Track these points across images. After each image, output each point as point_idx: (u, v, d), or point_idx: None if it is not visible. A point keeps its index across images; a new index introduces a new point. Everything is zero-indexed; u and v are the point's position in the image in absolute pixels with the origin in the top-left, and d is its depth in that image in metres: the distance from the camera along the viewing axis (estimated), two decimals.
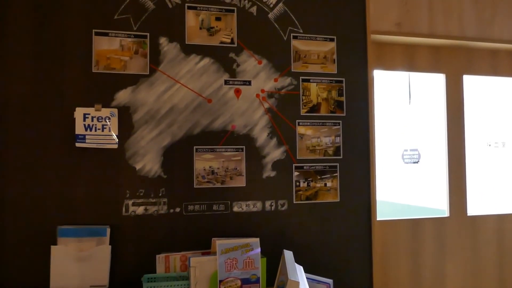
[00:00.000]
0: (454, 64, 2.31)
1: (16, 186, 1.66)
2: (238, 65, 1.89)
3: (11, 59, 1.68)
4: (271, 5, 1.94)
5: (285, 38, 1.95)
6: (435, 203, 2.43)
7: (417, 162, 2.89)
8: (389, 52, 2.23)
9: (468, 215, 2.29)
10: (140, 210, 1.76)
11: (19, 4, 1.69)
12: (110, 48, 1.77)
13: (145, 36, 1.80)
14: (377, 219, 2.08)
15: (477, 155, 2.55)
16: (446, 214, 2.27)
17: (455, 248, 2.25)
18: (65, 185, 1.70)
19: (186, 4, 1.85)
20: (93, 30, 1.76)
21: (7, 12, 1.68)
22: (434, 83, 2.34)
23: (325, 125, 1.97)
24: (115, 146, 1.74)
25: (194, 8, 1.86)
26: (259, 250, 1.68)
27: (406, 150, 2.94)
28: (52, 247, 1.63)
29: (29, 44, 1.70)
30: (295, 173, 1.93)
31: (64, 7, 1.73)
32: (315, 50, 1.98)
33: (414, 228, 2.20)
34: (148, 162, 1.77)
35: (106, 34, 1.77)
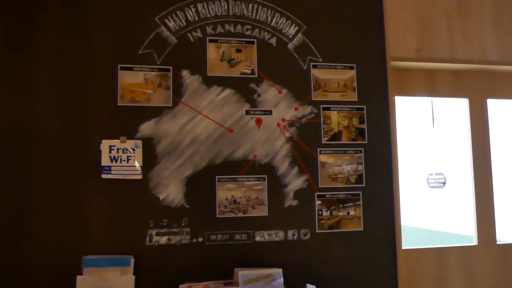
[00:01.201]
0: (477, 88, 2.29)
1: (42, 216, 1.71)
2: (258, 95, 1.92)
3: (39, 92, 1.75)
4: (290, 36, 1.98)
5: (304, 67, 1.98)
6: (462, 228, 2.37)
7: (442, 187, 2.83)
8: (410, 78, 2.22)
9: (497, 243, 2.22)
10: (163, 240, 1.78)
11: (47, 39, 1.78)
12: (135, 82, 1.83)
13: (168, 70, 1.85)
14: (402, 247, 2.04)
15: (506, 180, 2.49)
16: (474, 242, 2.21)
17: (484, 278, 2.18)
18: (90, 215, 1.74)
19: (207, 38, 1.90)
20: (118, 65, 1.82)
21: (35, 47, 1.77)
22: (457, 106, 2.32)
23: (347, 153, 1.97)
24: (140, 177, 1.77)
25: (215, 41, 1.91)
26: (281, 280, 1.67)
27: (431, 174, 2.89)
28: (78, 277, 1.66)
29: (57, 77, 1.77)
30: (317, 202, 1.92)
31: (91, 43, 1.81)
32: (335, 78, 2.00)
33: (441, 257, 2.15)
34: (171, 192, 1.80)
35: (130, 69, 1.83)
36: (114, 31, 1.83)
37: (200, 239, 1.81)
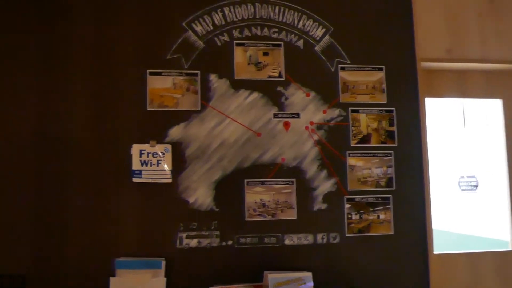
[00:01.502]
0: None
1: (77, 220, 1.75)
2: (286, 98, 1.91)
3: (71, 98, 1.80)
4: (318, 38, 1.97)
5: (332, 70, 1.96)
6: (496, 233, 2.30)
7: (474, 190, 2.76)
8: (440, 79, 2.18)
9: None
10: (193, 242, 1.80)
11: (79, 47, 1.82)
12: (163, 87, 1.85)
13: (196, 74, 1.87)
14: (434, 252, 1.99)
15: None
16: (509, 247, 2.15)
17: None
18: (122, 218, 1.77)
19: (234, 41, 1.91)
20: (147, 70, 1.85)
21: (67, 55, 1.81)
22: (489, 105, 2.25)
23: (376, 156, 1.94)
24: (169, 181, 1.80)
25: (242, 44, 1.92)
26: (311, 284, 1.66)
27: (462, 177, 2.82)
28: (111, 278, 1.69)
29: (88, 84, 1.81)
30: (347, 206, 1.90)
31: (120, 49, 1.84)
32: (364, 80, 1.98)
33: (474, 262, 2.09)
34: (200, 196, 1.82)
35: (159, 74, 1.85)
36: (143, 36, 1.86)
37: (230, 242, 1.82)
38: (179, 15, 1.89)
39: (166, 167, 1.80)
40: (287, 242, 1.85)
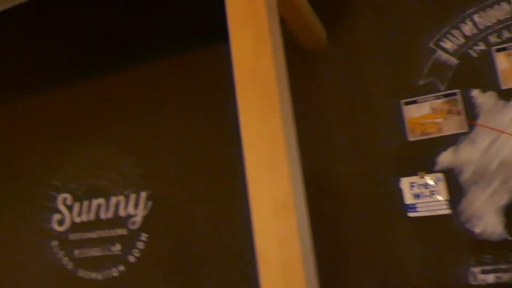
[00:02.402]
0: None
1: (356, 254, 1.78)
2: None
3: (331, 139, 1.88)
4: None
5: None
6: None
7: None
8: None
9: None
10: (491, 278, 1.62)
11: (333, 89, 1.91)
12: (422, 114, 1.77)
13: (455, 94, 1.74)
14: None
15: None
16: None
17: None
18: (401, 254, 1.73)
19: (493, 48, 1.71)
20: (401, 101, 1.81)
21: (324, 97, 1.91)
22: None
23: None
24: (448, 212, 1.68)
25: (503, 49, 1.70)
26: None
27: None
28: None
29: (344, 121, 1.87)
30: None
31: (372, 81, 1.86)
32: None
33: None
34: (488, 224, 1.64)
35: (414, 102, 1.79)
36: (390, 66, 1.83)
37: None
38: (424, 37, 1.80)
39: (441, 197, 1.69)
40: None
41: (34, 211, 2.44)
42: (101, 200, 2.27)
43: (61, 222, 2.35)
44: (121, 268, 2.20)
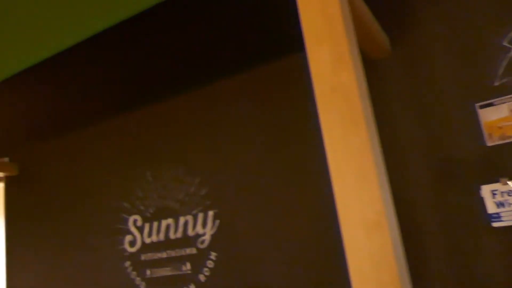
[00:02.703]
0: None
1: (435, 263, 1.70)
2: None
3: (398, 146, 1.81)
4: None
5: None
6: None
7: None
8: None
9: None
10: None
11: (399, 96, 1.85)
12: (500, 117, 1.68)
13: None
14: None
15: None
16: None
17: None
18: (486, 269, 1.63)
19: None
20: (475, 104, 1.72)
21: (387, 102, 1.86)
22: None
23: None
24: None
25: None
26: None
27: None
28: None
29: (416, 130, 1.80)
30: None
31: (442, 86, 1.78)
32: None
33: None
34: None
35: (490, 104, 1.70)
36: (460, 69, 1.76)
37: None
38: (495, 36, 1.72)
39: None
40: None
41: (108, 233, 2.52)
42: (170, 221, 2.31)
43: (132, 243, 2.42)
44: (192, 287, 2.22)
